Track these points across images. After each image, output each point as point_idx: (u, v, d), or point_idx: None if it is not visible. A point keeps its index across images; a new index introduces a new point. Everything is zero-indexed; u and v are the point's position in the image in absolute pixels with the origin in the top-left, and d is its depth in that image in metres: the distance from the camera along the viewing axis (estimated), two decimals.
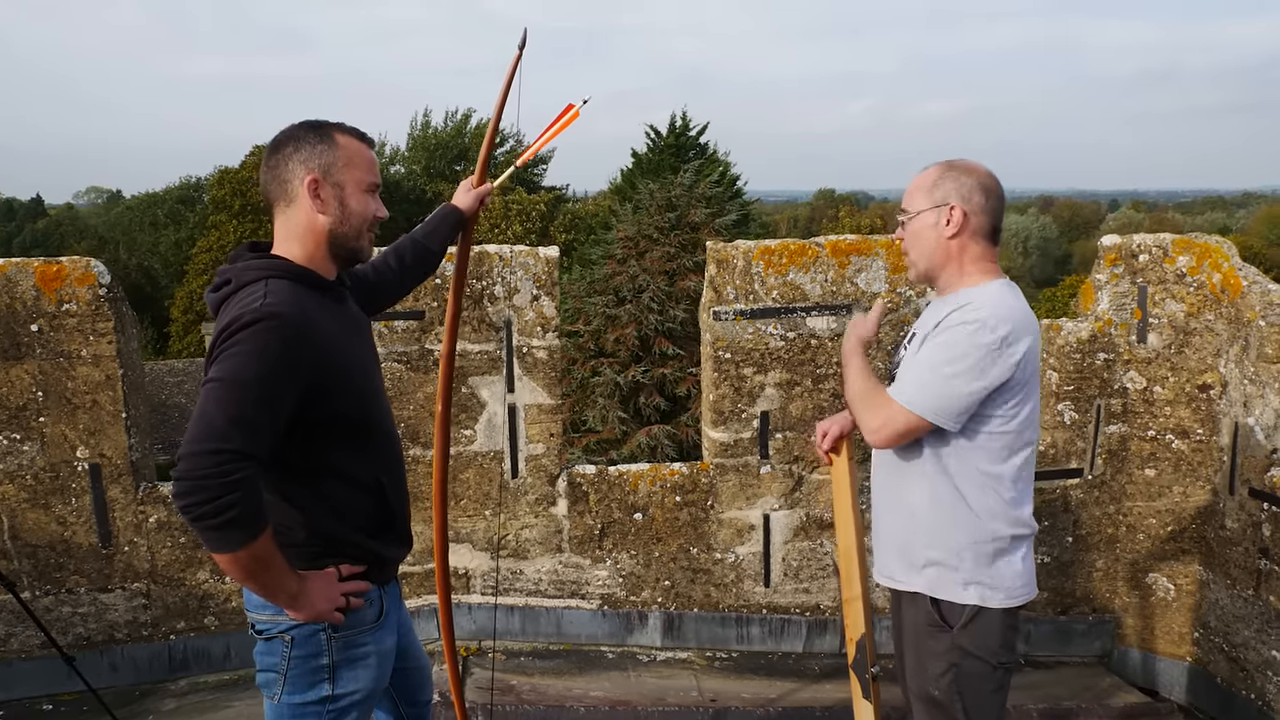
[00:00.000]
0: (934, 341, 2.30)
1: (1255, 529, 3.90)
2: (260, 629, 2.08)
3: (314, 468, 2.02)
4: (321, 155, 2.03)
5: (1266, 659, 3.86)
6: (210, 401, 1.80)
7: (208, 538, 1.81)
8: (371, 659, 2.14)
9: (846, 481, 2.76)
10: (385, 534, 2.16)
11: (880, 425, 2.33)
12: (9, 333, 3.88)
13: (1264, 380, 3.88)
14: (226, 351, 1.84)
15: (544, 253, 4.27)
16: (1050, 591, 4.49)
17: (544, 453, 4.34)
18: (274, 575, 1.92)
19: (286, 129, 2.07)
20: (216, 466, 1.75)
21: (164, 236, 43.96)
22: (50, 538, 4.04)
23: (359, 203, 2.07)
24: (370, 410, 2.11)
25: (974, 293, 2.34)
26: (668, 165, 22.29)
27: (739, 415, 4.33)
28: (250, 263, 2.01)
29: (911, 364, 2.35)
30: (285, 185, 2.03)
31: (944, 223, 2.35)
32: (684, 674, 4.31)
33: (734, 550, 4.45)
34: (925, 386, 2.28)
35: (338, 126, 2.08)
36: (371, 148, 2.13)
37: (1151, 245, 4.24)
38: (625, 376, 14.12)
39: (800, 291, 4.25)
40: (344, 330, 2.08)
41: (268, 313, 1.86)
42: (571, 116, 2.72)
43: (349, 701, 2.11)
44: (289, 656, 2.05)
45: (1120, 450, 4.36)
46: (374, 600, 2.14)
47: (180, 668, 4.26)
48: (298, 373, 1.88)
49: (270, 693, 2.10)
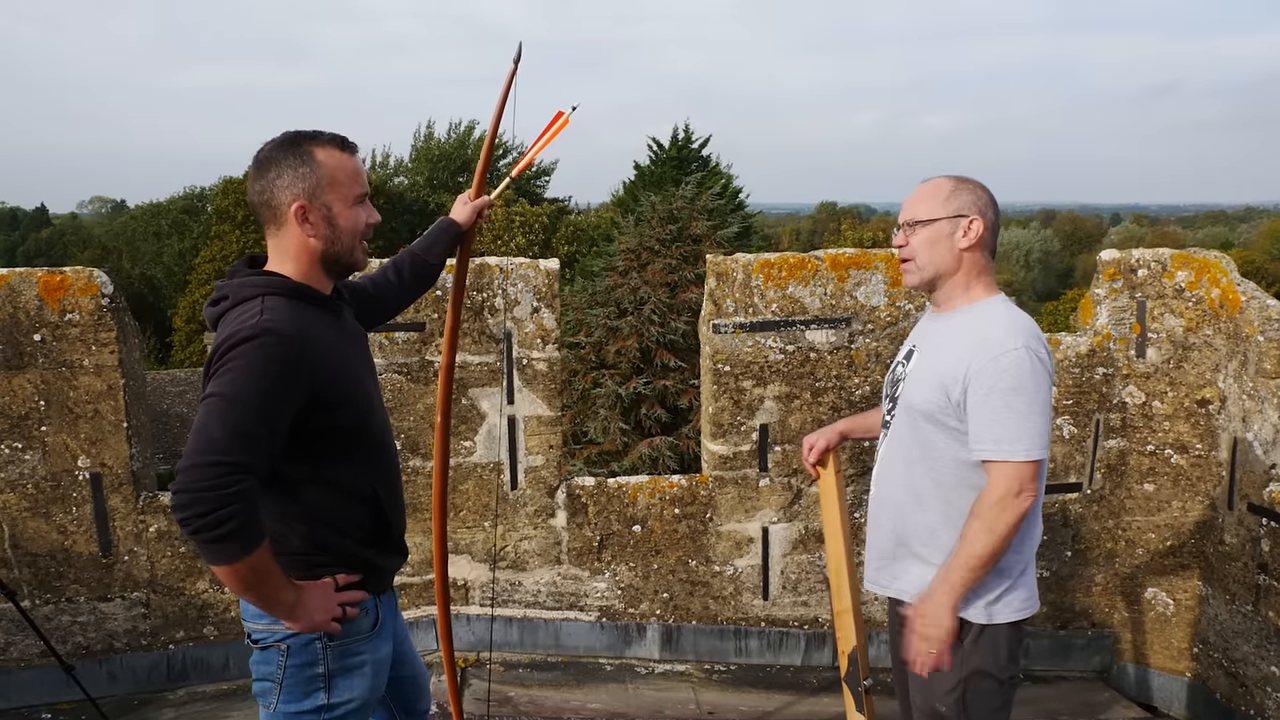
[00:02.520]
0: (992, 389, 2.25)
1: (1254, 544, 3.90)
2: (256, 638, 2.09)
3: (310, 478, 2.03)
4: (304, 179, 2.01)
5: (1265, 674, 3.85)
6: (209, 416, 1.81)
7: (206, 550, 1.82)
8: (367, 667, 2.15)
9: (835, 494, 2.77)
10: (380, 544, 2.17)
11: (1020, 490, 2.25)
12: (12, 342, 3.90)
13: (1262, 395, 3.88)
14: (224, 366, 1.85)
15: (544, 265, 4.28)
16: (1049, 606, 4.49)
17: (543, 464, 4.34)
18: (271, 587, 1.92)
19: (266, 148, 2.06)
20: (215, 479, 1.76)
21: (168, 246, 44.04)
22: (50, 546, 4.05)
23: (348, 219, 2.07)
24: (367, 421, 2.12)
25: (982, 314, 2.36)
26: (670, 178, 22.31)
27: (738, 428, 4.34)
28: (247, 279, 2.02)
29: (989, 419, 2.27)
30: (274, 210, 2.03)
31: (960, 234, 2.37)
32: (682, 686, 4.31)
33: (732, 563, 4.45)
34: (1024, 433, 2.24)
35: (315, 139, 2.05)
36: (354, 154, 2.10)
37: (1150, 260, 4.25)
38: (626, 388, 14.11)
39: (799, 305, 4.27)
40: (341, 342, 2.09)
41: (264, 328, 1.87)
42: (561, 124, 2.71)
43: (344, 710, 2.12)
44: (284, 665, 2.06)
45: (1119, 465, 4.36)
46: (369, 609, 2.15)
47: (179, 677, 4.27)
48: (295, 387, 1.90)
49: (266, 701, 2.10)
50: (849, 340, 4.30)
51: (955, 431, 2.34)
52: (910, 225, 2.43)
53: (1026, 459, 2.24)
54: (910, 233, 2.43)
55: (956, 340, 2.35)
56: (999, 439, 2.26)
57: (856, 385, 4.33)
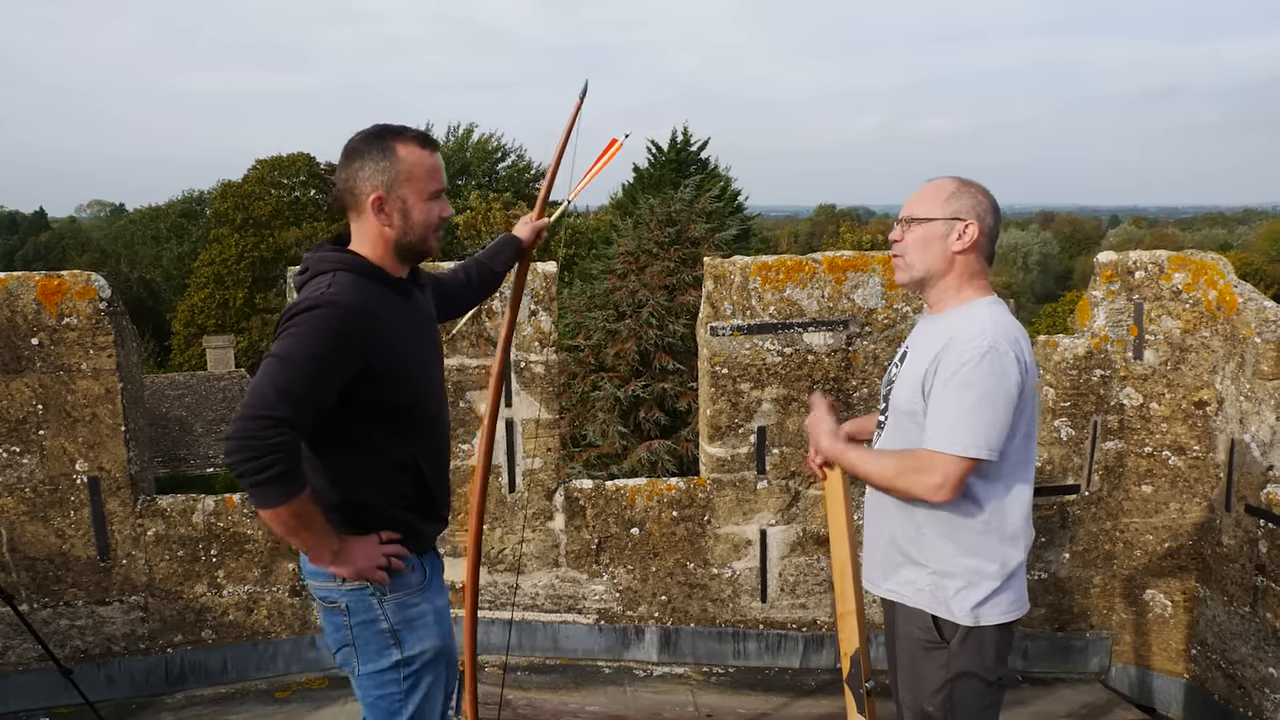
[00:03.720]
0: (947, 380, 2.26)
1: (1251, 546, 3.91)
2: (320, 596, 2.24)
3: (360, 442, 2.17)
4: (384, 172, 2.15)
5: (1263, 676, 3.85)
6: (265, 374, 1.99)
7: (252, 493, 2.00)
8: (429, 617, 2.29)
9: (840, 496, 2.77)
10: (421, 509, 2.30)
11: (941, 482, 2.26)
12: (9, 346, 3.90)
13: (1260, 397, 3.89)
14: (288, 330, 2.03)
15: (542, 268, 4.29)
16: (1047, 608, 4.49)
17: (541, 467, 4.35)
18: (315, 532, 2.08)
19: (355, 139, 2.20)
20: (261, 430, 1.94)
21: (166, 250, 44.09)
22: (48, 550, 4.05)
23: (422, 212, 2.20)
24: (423, 399, 2.26)
25: (966, 314, 2.36)
26: (669, 180, 22.35)
27: (736, 430, 4.34)
28: (325, 255, 2.20)
29: (936, 410, 2.29)
30: (355, 198, 2.18)
31: (955, 237, 2.37)
32: (680, 689, 4.31)
33: (731, 565, 4.45)
34: (962, 427, 2.24)
35: (400, 135, 2.18)
36: (434, 151, 2.23)
37: (1147, 262, 4.26)
38: (625, 391, 14.13)
39: (797, 307, 4.27)
40: (406, 322, 2.22)
41: (328, 300, 2.04)
42: (616, 149, 2.94)
43: (421, 663, 2.26)
44: (350, 625, 2.22)
45: (1117, 466, 4.37)
46: (415, 565, 2.28)
47: (177, 681, 4.26)
48: (348, 358, 2.05)
49: (350, 667, 2.26)
50: (846, 343, 4.31)
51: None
52: (907, 222, 2.43)
53: (962, 454, 2.23)
54: (906, 229, 2.43)
55: (938, 340, 2.36)
56: (942, 429, 2.26)
57: (854, 388, 4.33)
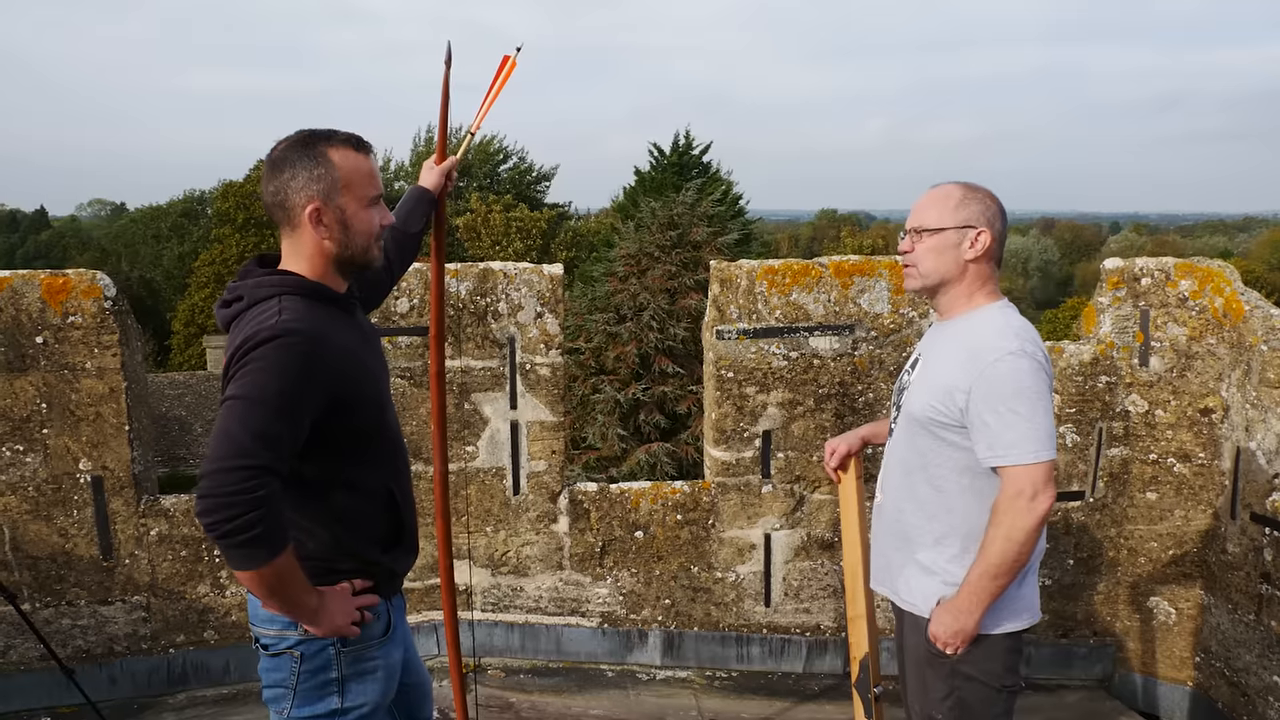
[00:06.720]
0: (992, 394, 2.25)
1: (1257, 554, 3.90)
2: (266, 644, 2.07)
3: (330, 479, 2.01)
4: (319, 180, 1.98)
5: (1268, 684, 3.84)
6: (232, 418, 1.79)
7: (232, 555, 1.80)
8: (380, 672, 2.14)
9: (854, 500, 2.77)
10: (396, 546, 2.17)
11: (1033, 494, 2.23)
12: (14, 345, 3.89)
13: (1265, 405, 3.88)
14: (245, 368, 1.83)
15: (548, 270, 4.28)
16: (1051, 614, 4.48)
17: (546, 470, 4.34)
18: (296, 591, 1.91)
19: (281, 146, 2.02)
20: (241, 483, 1.75)
21: (167, 249, 44.06)
22: (51, 549, 4.04)
23: (363, 221, 2.04)
24: (382, 420, 2.12)
25: (982, 320, 2.36)
26: (670, 184, 22.34)
27: (741, 434, 4.33)
28: (262, 279, 2.00)
29: (994, 427, 2.26)
30: (287, 211, 2.00)
31: (968, 245, 2.36)
32: (683, 693, 4.30)
33: (735, 569, 4.44)
34: (1027, 435, 2.23)
35: (330, 139, 2.02)
36: (369, 154, 2.06)
37: (1154, 269, 4.25)
38: (625, 394, 14.12)
39: (803, 311, 4.27)
40: (356, 342, 2.08)
41: (284, 329, 1.85)
42: (510, 69, 2.66)
43: (357, 715, 2.11)
44: (298, 671, 2.05)
45: (1122, 473, 4.36)
46: (381, 614, 2.14)
47: (179, 681, 4.25)
48: (316, 387, 1.88)
49: (279, 708, 2.08)
50: (852, 347, 4.30)
51: (954, 439, 2.34)
52: (917, 233, 2.42)
53: (1036, 461, 2.23)
54: (916, 240, 2.42)
55: (955, 348, 2.36)
56: (1008, 444, 2.25)
57: (860, 392, 4.32)
